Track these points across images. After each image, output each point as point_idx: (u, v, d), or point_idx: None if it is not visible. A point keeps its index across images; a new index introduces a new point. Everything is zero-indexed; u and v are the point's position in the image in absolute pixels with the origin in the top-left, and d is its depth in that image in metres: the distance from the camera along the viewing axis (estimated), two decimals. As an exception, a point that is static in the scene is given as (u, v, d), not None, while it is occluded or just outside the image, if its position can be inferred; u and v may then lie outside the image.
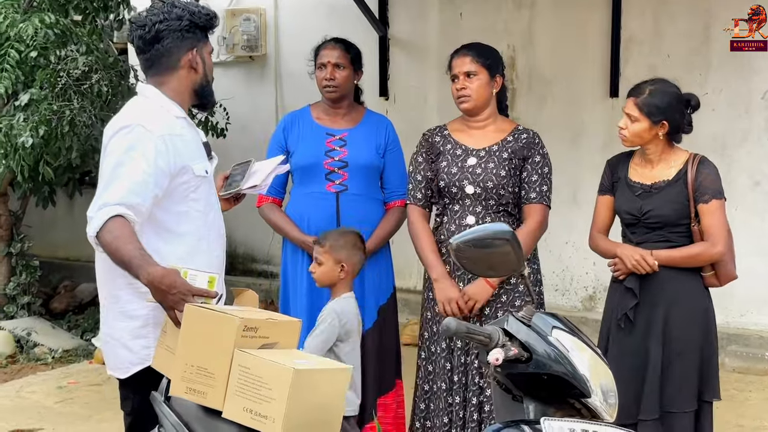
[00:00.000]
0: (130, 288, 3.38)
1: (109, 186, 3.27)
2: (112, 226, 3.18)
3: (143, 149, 3.29)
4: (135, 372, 3.44)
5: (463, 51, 4.42)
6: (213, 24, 3.59)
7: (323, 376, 2.99)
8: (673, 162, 4.19)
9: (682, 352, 4.12)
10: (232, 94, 8.88)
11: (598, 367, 2.65)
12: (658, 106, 4.08)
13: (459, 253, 2.69)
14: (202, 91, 3.59)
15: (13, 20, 6.76)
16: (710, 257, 4.13)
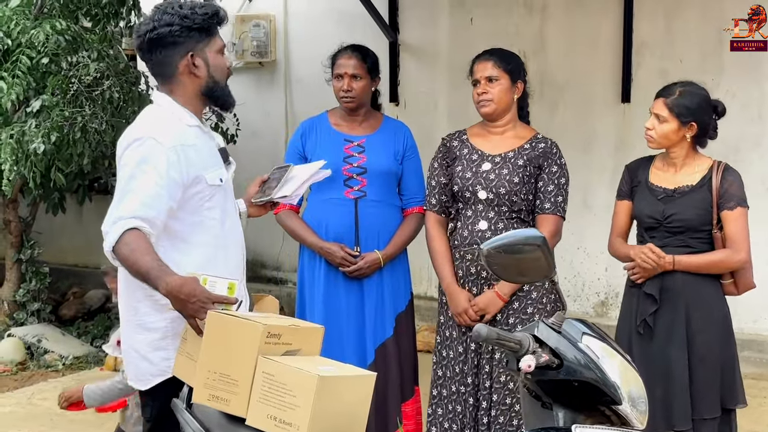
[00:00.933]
0: (149, 300, 3.37)
1: (122, 200, 3.24)
2: (129, 239, 3.16)
3: (155, 162, 3.26)
4: (160, 381, 3.43)
5: (485, 56, 4.42)
6: (211, 23, 3.44)
7: (347, 383, 2.98)
8: (697, 167, 4.18)
9: (704, 359, 4.11)
10: (242, 100, 8.85)
11: (628, 373, 2.63)
12: (688, 107, 4.07)
13: (490, 258, 2.67)
14: (211, 93, 3.51)
15: (24, 27, 6.75)
16: (733, 265, 4.12)
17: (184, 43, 3.38)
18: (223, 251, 3.48)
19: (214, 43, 3.47)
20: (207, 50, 3.44)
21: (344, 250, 4.61)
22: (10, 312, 8.15)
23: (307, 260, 4.78)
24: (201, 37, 3.42)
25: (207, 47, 3.44)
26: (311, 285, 4.76)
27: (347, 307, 4.69)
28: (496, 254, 2.65)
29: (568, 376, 2.54)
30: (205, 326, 3.02)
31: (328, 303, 4.68)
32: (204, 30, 3.42)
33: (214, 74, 3.47)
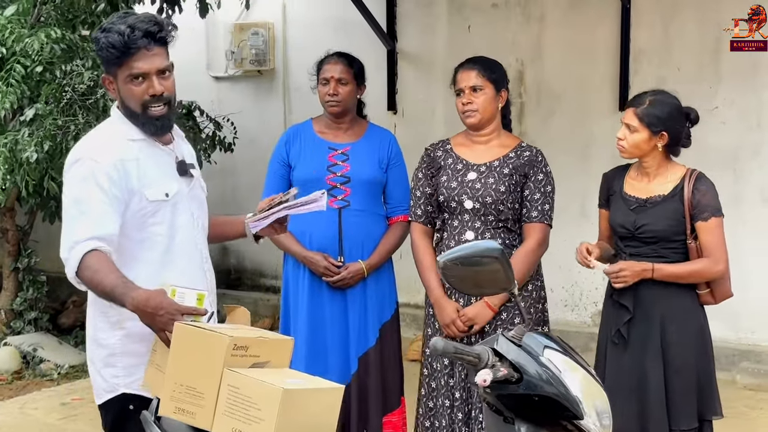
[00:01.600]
0: (102, 317, 3.33)
1: (74, 223, 3.18)
2: (89, 261, 3.10)
3: (96, 180, 3.19)
4: (109, 398, 3.38)
5: (468, 65, 4.37)
6: (111, 54, 3.23)
7: (314, 396, 2.93)
8: (670, 176, 4.14)
9: (680, 370, 4.07)
10: (240, 108, 8.88)
11: (592, 387, 2.58)
12: (658, 116, 4.03)
13: (446, 271, 2.62)
14: (130, 118, 3.35)
15: (19, 35, 6.73)
16: (712, 275, 4.07)
17: (103, 64, 3.36)
18: (174, 266, 3.37)
19: (125, 70, 3.27)
20: (119, 75, 3.30)
21: (327, 259, 4.57)
22: (7, 321, 8.14)
23: (292, 269, 4.74)
24: (112, 62, 3.28)
25: (119, 72, 3.29)
26: (295, 294, 4.72)
27: (331, 317, 4.64)
28: (453, 266, 2.60)
29: (527, 390, 2.49)
30: (172, 338, 2.98)
31: (312, 312, 4.64)
32: (109, 58, 3.27)
33: (125, 100, 3.33)
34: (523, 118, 7.80)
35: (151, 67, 3.29)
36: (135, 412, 3.30)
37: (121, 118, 3.37)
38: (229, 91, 9.36)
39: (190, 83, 9.22)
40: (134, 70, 3.27)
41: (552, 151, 7.61)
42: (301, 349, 4.65)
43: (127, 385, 3.34)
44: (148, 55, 3.27)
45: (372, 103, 8.30)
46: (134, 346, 3.31)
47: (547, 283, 7.51)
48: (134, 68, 3.26)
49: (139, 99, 3.30)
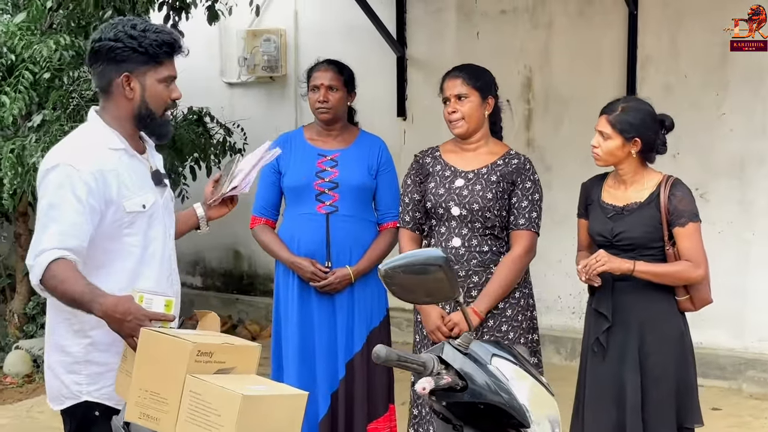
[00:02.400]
0: (65, 323, 3.34)
1: (45, 230, 3.17)
2: (56, 270, 3.09)
3: (73, 188, 3.17)
4: (70, 405, 3.40)
5: (454, 73, 4.38)
6: (159, 51, 3.31)
7: (275, 402, 2.94)
8: (647, 183, 4.13)
9: (658, 379, 4.06)
10: (253, 113, 8.92)
11: (542, 396, 2.57)
12: (630, 122, 4.03)
13: (387, 279, 2.62)
14: (142, 119, 3.38)
15: (28, 42, 6.81)
16: (691, 279, 4.07)
17: (124, 62, 3.28)
18: (145, 276, 3.37)
19: (158, 72, 3.34)
20: (148, 76, 3.32)
21: (315, 265, 4.59)
22: (20, 324, 8.21)
23: (282, 275, 4.78)
24: (145, 60, 3.30)
25: (149, 73, 3.32)
26: (285, 299, 4.76)
27: (319, 322, 4.67)
28: (395, 274, 2.60)
29: (472, 398, 2.48)
30: (138, 344, 3.00)
31: (302, 318, 4.67)
32: (150, 55, 3.30)
33: (148, 101, 3.35)
34: (531, 125, 7.79)
35: (175, 73, 3.42)
36: (100, 418, 3.33)
37: (102, 125, 3.35)
38: (241, 97, 9.40)
39: (204, 89, 9.30)
40: (171, 73, 3.39)
41: (560, 158, 7.67)
42: (293, 354, 4.69)
43: (90, 393, 3.35)
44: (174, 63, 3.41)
45: (382, 109, 8.43)
46: (98, 355, 3.33)
47: (555, 290, 7.61)
48: (172, 71, 3.39)
49: (166, 101, 3.39)
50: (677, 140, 7.03)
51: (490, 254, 4.25)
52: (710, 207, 7.03)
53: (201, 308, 3.74)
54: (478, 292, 4.23)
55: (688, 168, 7.06)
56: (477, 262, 4.23)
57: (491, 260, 4.25)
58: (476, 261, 4.23)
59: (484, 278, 4.23)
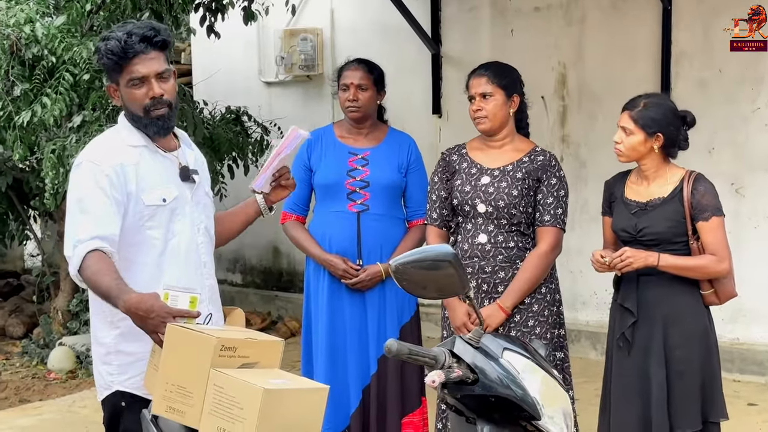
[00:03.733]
0: (99, 315, 3.47)
1: (78, 223, 3.30)
2: (90, 261, 3.21)
3: (97, 183, 3.31)
4: (106, 395, 3.52)
5: (479, 71, 4.42)
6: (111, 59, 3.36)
7: (297, 396, 3.00)
8: (669, 179, 4.15)
9: (683, 373, 4.07)
10: (290, 112, 9.01)
11: (554, 390, 2.62)
12: (653, 118, 4.06)
13: (398, 274, 2.67)
14: (134, 122, 3.48)
15: (69, 44, 6.93)
16: (716, 272, 4.07)
17: (106, 73, 3.48)
18: (170, 270, 3.46)
19: (123, 76, 3.40)
20: (121, 82, 3.42)
21: (346, 263, 4.65)
22: (64, 321, 8.36)
23: (312, 271, 4.85)
24: (112, 69, 3.41)
25: (119, 79, 3.42)
26: (316, 296, 4.83)
27: (351, 319, 4.73)
28: (406, 270, 2.65)
29: (483, 391, 2.53)
30: (165, 339, 3.08)
31: (332, 314, 4.74)
32: (109, 66, 3.40)
33: (128, 105, 3.46)
34: (565, 121, 7.80)
35: (149, 71, 3.40)
36: (127, 410, 3.43)
37: (125, 125, 3.51)
38: (279, 96, 9.50)
39: (243, 89, 9.43)
40: (133, 74, 3.38)
41: (594, 154, 7.67)
42: (323, 350, 4.76)
43: (121, 383, 3.47)
44: (146, 59, 3.39)
45: (417, 106, 8.48)
46: (127, 345, 3.43)
47: (591, 286, 7.61)
48: (133, 72, 3.38)
49: (141, 102, 3.42)
50: (712, 135, 7.03)
51: (516, 250, 4.29)
52: (746, 201, 7.02)
53: (241, 305, 3.84)
54: (504, 287, 4.27)
55: (723, 163, 7.06)
56: (503, 258, 4.27)
57: (517, 256, 4.29)
58: (502, 257, 4.28)
59: (510, 274, 4.27)
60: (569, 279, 7.31)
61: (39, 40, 6.90)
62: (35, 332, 8.82)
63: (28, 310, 9.42)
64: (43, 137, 7.05)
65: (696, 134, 6.97)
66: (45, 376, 7.73)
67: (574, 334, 7.51)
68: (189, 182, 3.58)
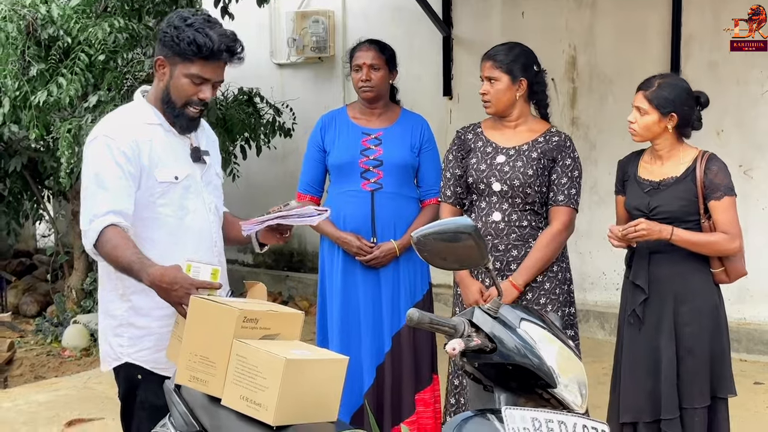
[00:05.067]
0: (112, 288, 3.54)
1: (94, 197, 3.37)
2: (108, 235, 3.30)
3: (113, 157, 3.39)
4: (115, 366, 3.60)
5: (488, 54, 4.48)
6: (188, 49, 3.42)
7: (317, 366, 3.08)
8: (683, 158, 4.21)
9: (692, 349, 4.15)
10: (301, 94, 9.08)
11: (570, 359, 2.69)
12: (667, 98, 4.12)
13: (420, 246, 2.75)
14: (164, 103, 3.54)
15: (84, 25, 7.00)
16: (727, 250, 4.14)
17: (164, 47, 3.48)
18: (182, 247, 3.51)
19: (187, 67, 3.46)
20: (178, 67, 3.47)
21: (360, 240, 4.72)
22: (77, 300, 8.46)
23: (327, 250, 4.91)
24: (177, 52, 3.45)
25: (179, 65, 3.47)
26: (330, 274, 4.89)
27: (364, 296, 4.80)
28: (427, 241, 2.73)
29: (501, 359, 2.60)
30: (188, 311, 3.17)
31: (346, 292, 4.81)
32: (180, 49, 3.44)
33: (170, 89, 3.51)
34: (575, 103, 7.86)
35: (214, 77, 3.52)
36: (143, 381, 3.53)
37: (143, 103, 3.57)
38: (291, 78, 9.58)
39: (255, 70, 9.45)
40: (201, 74, 3.47)
41: (604, 136, 7.74)
42: (338, 328, 4.82)
43: (130, 355, 3.55)
44: (217, 66, 3.51)
45: (428, 88, 8.55)
46: (138, 319, 3.52)
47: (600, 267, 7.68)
48: (202, 72, 3.47)
49: (187, 97, 3.50)
50: (721, 117, 7.09)
51: (529, 228, 4.36)
52: (754, 183, 7.08)
53: None
54: (516, 265, 4.34)
55: (732, 145, 7.11)
56: (516, 236, 4.35)
57: (530, 234, 4.36)
58: (515, 235, 4.35)
59: (523, 252, 4.34)
60: (578, 259, 7.38)
61: (54, 20, 6.98)
62: (49, 310, 8.92)
63: (41, 288, 9.53)
64: (59, 117, 7.12)
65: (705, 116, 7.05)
66: (59, 353, 7.84)
67: (583, 314, 7.58)
68: (200, 163, 3.66)
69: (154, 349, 3.54)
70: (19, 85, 6.94)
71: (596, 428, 2.61)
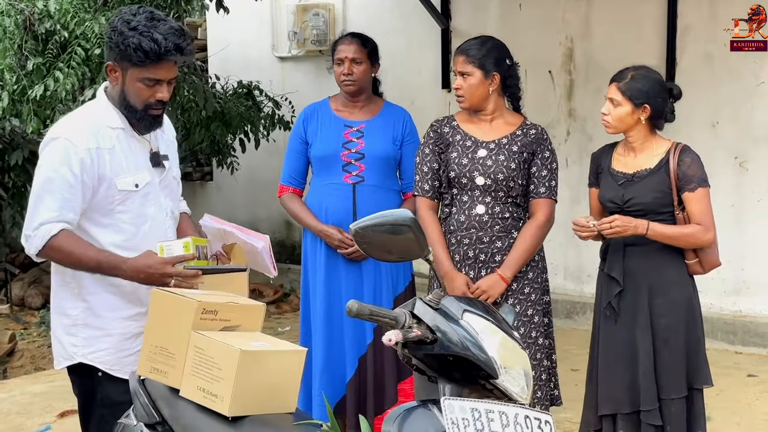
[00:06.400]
0: (65, 287, 3.54)
1: (41, 202, 3.37)
2: (63, 241, 3.33)
3: (70, 163, 3.35)
4: (67, 365, 3.60)
5: (459, 50, 4.47)
6: (134, 55, 3.32)
7: (274, 357, 3.11)
8: (656, 150, 4.22)
9: (668, 341, 4.17)
10: (303, 86, 9.10)
11: (514, 350, 2.70)
12: (640, 89, 4.13)
13: (358, 237, 2.76)
14: (123, 107, 3.48)
15: (81, 20, 7.04)
16: (701, 242, 4.15)
17: (111, 51, 3.42)
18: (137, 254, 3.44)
19: (139, 72, 3.39)
20: (129, 72, 3.41)
21: (342, 233, 4.74)
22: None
23: (310, 242, 4.94)
24: (125, 58, 3.38)
25: (129, 70, 3.41)
26: (314, 266, 4.92)
27: (347, 288, 4.81)
28: (365, 233, 2.75)
29: (441, 350, 2.61)
30: (150, 303, 3.21)
31: (329, 284, 4.83)
32: (128, 55, 3.36)
33: (126, 93, 3.45)
34: (572, 95, 7.86)
35: (167, 76, 3.46)
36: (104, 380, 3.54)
37: (106, 104, 3.51)
38: (292, 71, 9.61)
39: (257, 63, 9.53)
40: (152, 76, 3.41)
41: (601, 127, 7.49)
42: (320, 320, 4.85)
43: (84, 356, 3.54)
44: (168, 66, 3.44)
45: (426, 81, 8.57)
46: (94, 319, 3.52)
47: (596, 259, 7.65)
48: (155, 74, 3.41)
49: (146, 100, 3.46)
50: (716, 109, 7.08)
51: (511, 220, 4.38)
52: (749, 175, 7.07)
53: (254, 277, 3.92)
54: (501, 256, 4.35)
55: (727, 136, 7.11)
56: (499, 228, 4.36)
57: (512, 226, 4.38)
58: (499, 227, 4.36)
59: (506, 243, 4.36)
60: (575, 252, 7.39)
61: (52, 15, 7.04)
62: (53, 303, 8.97)
63: (46, 280, 9.57)
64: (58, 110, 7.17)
65: (700, 108, 7.10)
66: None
67: (580, 306, 7.57)
68: (159, 167, 3.64)
69: (113, 350, 3.53)
70: (17, 79, 7.01)
71: (539, 418, 2.63)
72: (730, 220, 7.02)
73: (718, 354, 6.98)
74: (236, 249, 3.76)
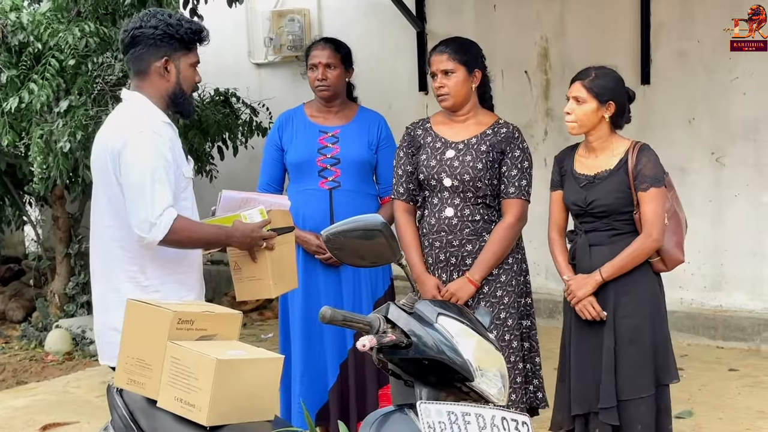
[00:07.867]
0: (131, 281, 3.67)
1: (154, 190, 3.55)
2: (183, 223, 3.60)
3: (162, 152, 3.61)
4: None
5: (440, 48, 4.47)
6: (192, 38, 3.77)
7: (251, 366, 3.10)
8: (615, 150, 4.22)
9: (634, 340, 4.16)
10: (280, 93, 9.08)
11: (490, 352, 2.70)
12: (605, 86, 4.15)
13: (329, 243, 2.77)
14: (175, 99, 3.81)
15: (54, 31, 7.02)
16: (650, 249, 4.17)
17: (163, 47, 3.71)
18: None
19: (189, 57, 3.79)
20: (182, 60, 3.77)
21: (319, 239, 4.72)
22: (60, 304, 8.48)
23: (287, 249, 4.92)
24: (180, 47, 3.74)
25: (183, 58, 3.76)
26: (292, 273, 4.90)
27: (326, 293, 4.81)
28: (336, 239, 2.75)
29: (416, 354, 2.62)
30: (125, 314, 3.20)
31: (307, 290, 4.81)
32: (184, 42, 3.74)
33: (182, 83, 3.79)
34: (549, 95, 7.86)
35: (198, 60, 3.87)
36: None
37: (148, 105, 3.75)
38: (268, 77, 9.59)
39: (233, 70, 9.49)
40: (196, 59, 3.84)
41: (579, 127, 7.72)
42: (299, 326, 4.84)
43: None
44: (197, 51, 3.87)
45: (403, 84, 8.57)
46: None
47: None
48: (197, 57, 3.84)
49: (193, 84, 3.87)
50: (692, 105, 7.11)
51: (482, 222, 4.36)
52: (726, 170, 7.10)
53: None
54: (472, 260, 4.34)
55: (703, 132, 7.13)
56: (470, 231, 4.35)
57: (483, 228, 4.36)
58: (469, 230, 4.35)
59: (477, 246, 4.34)
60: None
61: (25, 26, 7.02)
62: (34, 316, 8.95)
63: (27, 294, 9.55)
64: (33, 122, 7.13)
65: (676, 105, 7.13)
66: (42, 358, 7.87)
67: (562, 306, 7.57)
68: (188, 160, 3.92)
69: None
70: (-9, 92, 6.97)
71: (516, 420, 2.63)
72: (709, 216, 7.06)
73: (700, 349, 7.02)
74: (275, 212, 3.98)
